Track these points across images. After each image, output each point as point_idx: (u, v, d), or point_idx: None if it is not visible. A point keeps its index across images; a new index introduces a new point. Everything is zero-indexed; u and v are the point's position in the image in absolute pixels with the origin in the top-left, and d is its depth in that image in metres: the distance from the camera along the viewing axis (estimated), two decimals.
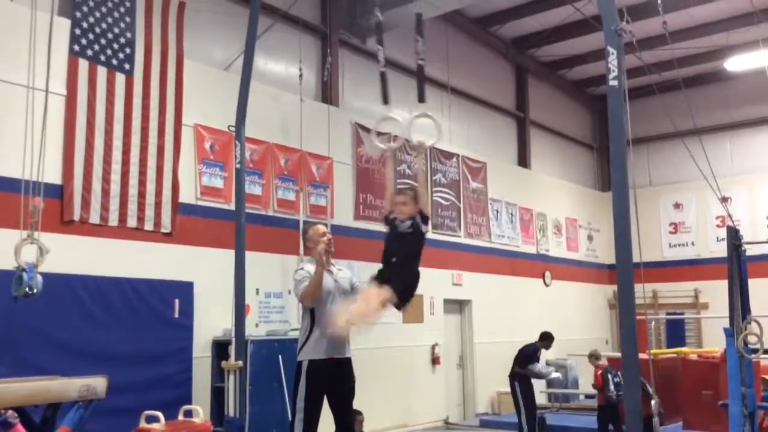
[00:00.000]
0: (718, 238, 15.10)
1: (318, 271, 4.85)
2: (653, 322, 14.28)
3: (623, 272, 4.23)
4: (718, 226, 15.49)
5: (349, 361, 5.02)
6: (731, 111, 15.96)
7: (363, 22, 10.69)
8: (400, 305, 4.25)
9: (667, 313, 15.76)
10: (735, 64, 14.35)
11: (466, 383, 12.70)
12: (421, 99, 4.60)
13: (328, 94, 10.49)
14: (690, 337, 15.59)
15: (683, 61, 13.76)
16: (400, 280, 4.17)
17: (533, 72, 15.42)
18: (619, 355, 10.30)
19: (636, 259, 4.27)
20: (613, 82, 4.19)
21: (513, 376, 9.81)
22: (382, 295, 4.06)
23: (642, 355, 4.58)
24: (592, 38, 13.28)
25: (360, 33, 11.00)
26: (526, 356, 9.89)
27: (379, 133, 4.89)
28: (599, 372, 9.05)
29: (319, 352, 4.85)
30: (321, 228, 5.21)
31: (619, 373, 9.10)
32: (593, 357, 9.56)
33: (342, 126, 10.52)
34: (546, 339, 10.12)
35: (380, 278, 4.21)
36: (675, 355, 10.52)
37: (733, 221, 7.32)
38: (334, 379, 4.90)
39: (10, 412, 4.79)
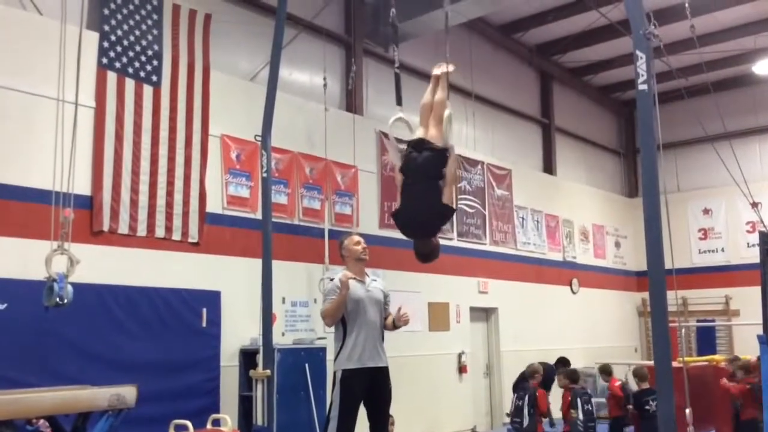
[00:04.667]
0: (748, 243, 14.85)
1: (342, 295, 4.95)
2: (683, 330, 14.07)
3: (655, 279, 4.16)
4: (748, 231, 15.24)
5: (385, 369, 5.03)
6: (760, 115, 15.72)
7: (387, 30, 10.71)
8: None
9: (698, 321, 15.52)
10: (763, 67, 14.17)
11: (494, 392, 12.60)
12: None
13: (352, 102, 10.52)
14: (721, 345, 15.33)
15: (711, 65, 13.57)
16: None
17: (558, 78, 15.33)
18: (649, 363, 10.16)
19: (667, 265, 4.20)
20: (643, 87, 4.14)
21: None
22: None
23: (673, 363, 4.48)
24: (618, 43, 13.19)
25: (384, 42, 11.02)
26: (551, 381, 9.63)
27: (399, 140, 5.09)
28: (568, 395, 8.42)
29: (353, 361, 4.86)
30: (355, 237, 5.41)
31: (592, 400, 8.46)
32: (604, 372, 8.98)
33: (367, 134, 10.54)
34: (560, 364, 9.88)
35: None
36: (706, 363, 10.34)
37: (765, 226, 7.18)
38: (369, 388, 4.90)
39: (42, 421, 4.86)
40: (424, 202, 4.45)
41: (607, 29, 12.98)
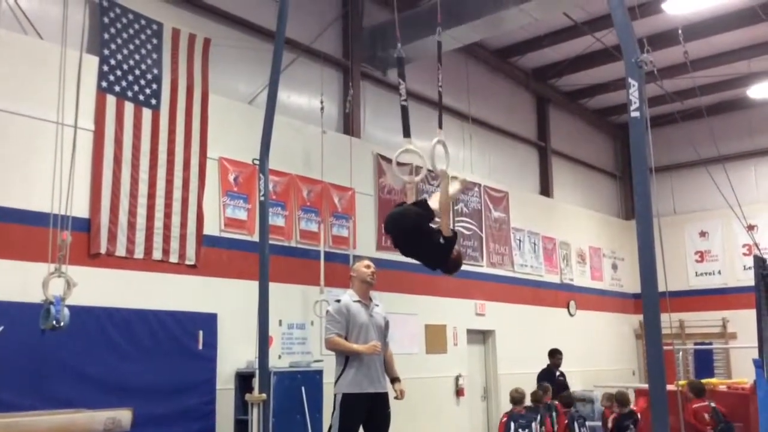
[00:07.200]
0: (745, 266, 14.89)
1: (357, 351, 5.18)
2: (680, 353, 14.05)
3: (649, 302, 4.18)
4: (744, 254, 15.28)
5: (385, 395, 5.10)
6: (755, 138, 15.84)
7: (384, 54, 10.82)
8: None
9: (695, 344, 15.50)
10: (758, 91, 14.29)
11: (491, 415, 12.54)
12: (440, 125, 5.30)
13: (350, 125, 10.59)
14: (718, 368, 15.29)
15: (705, 88, 13.72)
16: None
17: (554, 101, 15.45)
18: (647, 386, 10.15)
19: (662, 288, 4.22)
20: (635, 114, 4.18)
21: None
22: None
23: (670, 387, 4.50)
24: (613, 67, 13.31)
25: (381, 65, 11.13)
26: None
27: (400, 164, 5.21)
28: (504, 419, 8.22)
29: (354, 386, 4.94)
30: (367, 261, 5.85)
31: (533, 424, 8.18)
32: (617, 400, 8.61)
33: (364, 157, 10.59)
34: (552, 356, 10.19)
35: None
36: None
37: (759, 249, 7.23)
38: (369, 411, 4.96)
39: None
40: (432, 259, 4.99)
41: (601, 53, 13.11)
